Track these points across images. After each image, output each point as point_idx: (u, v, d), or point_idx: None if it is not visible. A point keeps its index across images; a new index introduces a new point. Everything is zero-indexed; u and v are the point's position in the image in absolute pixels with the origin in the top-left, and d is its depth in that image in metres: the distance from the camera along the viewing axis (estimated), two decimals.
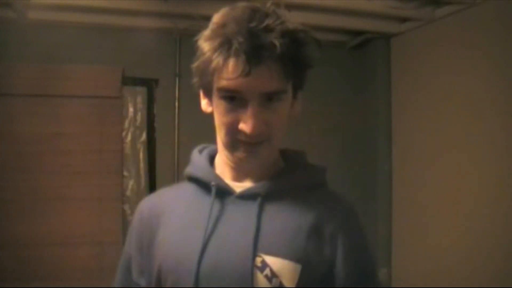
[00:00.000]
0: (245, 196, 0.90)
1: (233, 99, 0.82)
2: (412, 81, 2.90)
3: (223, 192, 0.91)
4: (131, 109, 2.79)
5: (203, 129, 1.10)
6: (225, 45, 0.80)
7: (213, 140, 1.30)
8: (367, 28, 2.92)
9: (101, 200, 2.60)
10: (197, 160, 0.98)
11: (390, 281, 3.01)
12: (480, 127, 2.39)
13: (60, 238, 2.54)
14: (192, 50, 0.92)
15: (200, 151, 1.01)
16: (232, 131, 0.84)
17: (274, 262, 0.82)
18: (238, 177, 0.92)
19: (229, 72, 0.80)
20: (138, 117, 2.80)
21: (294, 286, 0.82)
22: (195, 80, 0.89)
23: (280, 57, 0.80)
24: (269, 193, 0.89)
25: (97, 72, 2.65)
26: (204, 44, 0.83)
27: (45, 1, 2.38)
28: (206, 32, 0.85)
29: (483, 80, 2.37)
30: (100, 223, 2.59)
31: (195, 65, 0.86)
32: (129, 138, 2.78)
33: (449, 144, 2.58)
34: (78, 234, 2.55)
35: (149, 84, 2.79)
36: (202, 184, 0.93)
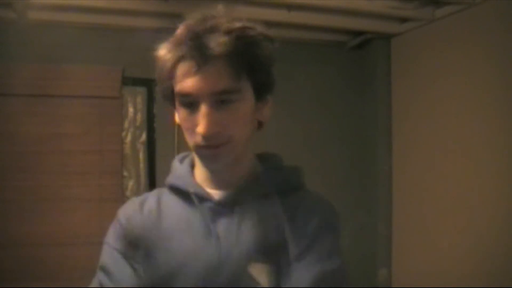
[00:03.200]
0: (223, 203, 0.92)
1: (191, 105, 0.85)
2: (412, 81, 2.90)
3: (202, 200, 0.93)
4: (131, 109, 2.79)
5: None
6: (174, 48, 0.84)
7: None
8: (367, 28, 2.92)
9: (101, 200, 2.60)
10: (177, 169, 1.00)
11: (390, 281, 3.02)
12: (480, 127, 2.39)
13: (60, 238, 2.54)
14: None
15: (181, 160, 1.03)
16: (192, 136, 0.87)
17: (253, 266, 0.88)
18: (217, 185, 0.94)
19: (179, 75, 0.84)
20: (138, 117, 2.80)
21: (272, 287, 0.87)
22: (160, 95, 0.92)
23: (226, 55, 0.81)
24: (246, 200, 0.92)
25: (97, 72, 2.65)
26: (161, 52, 0.88)
27: (45, 1, 2.38)
28: (164, 43, 0.89)
29: (483, 80, 2.37)
30: (100, 223, 2.59)
31: (156, 75, 0.89)
32: (129, 138, 2.78)
33: (449, 144, 2.58)
34: (78, 234, 2.55)
35: (149, 84, 2.79)
36: (183, 193, 0.95)
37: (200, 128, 0.83)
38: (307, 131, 3.07)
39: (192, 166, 1.00)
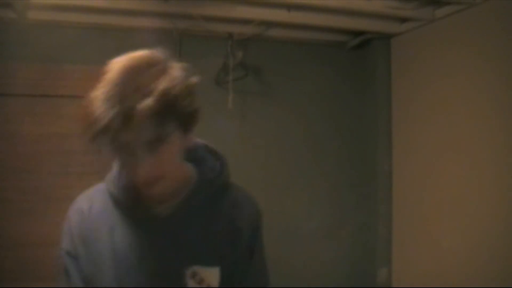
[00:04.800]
0: (168, 217, 1.00)
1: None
2: (412, 81, 2.90)
3: (149, 214, 1.00)
4: None
5: (202, 129, 1.11)
6: (100, 121, 0.89)
7: (212, 138, 1.31)
8: (367, 28, 2.92)
9: None
10: (119, 178, 1.05)
11: (390, 281, 3.02)
12: (480, 127, 2.39)
13: (60, 239, 2.54)
14: (192, 50, 0.94)
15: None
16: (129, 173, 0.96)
17: (200, 270, 0.99)
18: (157, 197, 1.00)
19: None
20: None
21: (218, 286, 1.00)
22: None
23: (152, 116, 0.84)
24: (187, 211, 1.01)
25: (97, 72, 2.65)
26: (93, 104, 0.94)
27: (45, 1, 2.38)
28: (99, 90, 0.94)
29: (483, 80, 2.37)
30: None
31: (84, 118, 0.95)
32: None
33: (449, 144, 2.58)
34: None
35: None
36: (123, 203, 1.03)
37: (137, 179, 0.92)
38: (307, 131, 3.07)
39: None
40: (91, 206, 1.07)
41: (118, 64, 0.96)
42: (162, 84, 0.86)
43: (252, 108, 2.91)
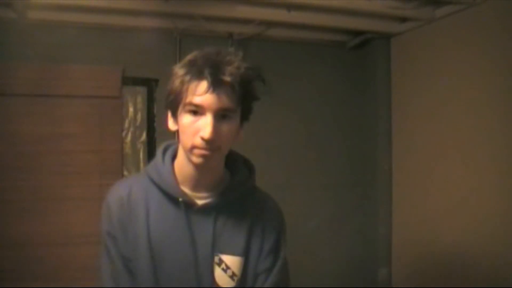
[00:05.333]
0: (204, 209, 1.14)
1: (196, 113, 1.07)
2: (412, 81, 2.90)
3: (187, 205, 1.13)
4: (131, 109, 2.79)
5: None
6: (197, 72, 1.06)
7: None
8: (367, 28, 2.92)
9: (101, 200, 2.59)
10: (160, 164, 1.19)
11: (390, 281, 3.02)
12: (480, 127, 2.39)
13: (60, 238, 2.54)
14: (192, 50, 0.99)
15: (164, 152, 1.22)
16: (191, 139, 1.07)
17: (226, 258, 1.14)
18: (196, 187, 1.16)
19: (198, 91, 1.05)
20: (138, 117, 2.80)
21: (240, 274, 1.14)
22: (166, 101, 1.14)
23: (233, 84, 1.06)
24: (220, 205, 1.15)
25: (97, 72, 2.65)
26: (180, 70, 1.09)
27: (45, 1, 2.38)
28: (181, 63, 1.11)
29: (483, 79, 2.38)
30: (100, 223, 2.59)
31: (170, 86, 1.11)
32: (129, 138, 2.78)
33: (449, 144, 2.59)
34: (78, 234, 2.55)
35: (149, 84, 2.79)
36: (168, 194, 1.14)
37: (205, 133, 1.04)
38: (307, 130, 3.07)
39: (173, 158, 1.19)
40: (129, 192, 1.16)
41: (206, 49, 1.11)
42: (245, 65, 1.09)
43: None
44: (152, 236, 1.12)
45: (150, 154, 2.81)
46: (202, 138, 1.05)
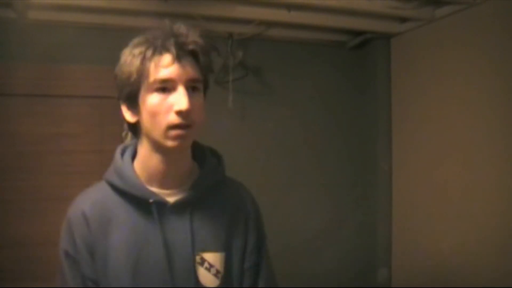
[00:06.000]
0: (177, 206, 1.07)
1: (164, 90, 1.00)
2: (412, 81, 2.90)
3: (157, 203, 1.05)
4: None
5: (203, 129, 1.11)
6: (158, 46, 1.01)
7: (213, 138, 1.31)
8: (367, 28, 2.92)
9: None
10: (122, 169, 1.11)
11: (390, 281, 3.02)
12: (480, 127, 2.39)
13: (60, 238, 2.53)
14: None
15: (122, 153, 1.17)
16: (165, 118, 1.00)
17: (208, 256, 1.07)
18: (165, 183, 1.08)
19: (163, 64, 0.99)
20: None
21: (223, 271, 1.07)
22: (120, 92, 1.11)
23: (196, 53, 1.03)
24: (194, 200, 1.08)
25: (97, 72, 2.65)
26: (136, 50, 1.04)
27: (45, 1, 2.38)
28: (133, 45, 1.08)
29: (483, 80, 2.37)
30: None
31: (126, 70, 1.07)
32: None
33: (449, 144, 2.59)
34: None
35: None
36: (135, 197, 1.06)
37: (181, 105, 0.98)
38: (307, 131, 3.07)
39: (133, 158, 1.13)
40: (91, 206, 1.08)
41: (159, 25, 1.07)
42: (203, 33, 1.06)
43: (252, 108, 2.91)
44: (124, 251, 1.02)
45: None
46: (179, 112, 0.99)
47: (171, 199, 1.07)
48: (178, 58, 0.99)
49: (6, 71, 2.50)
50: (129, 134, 1.16)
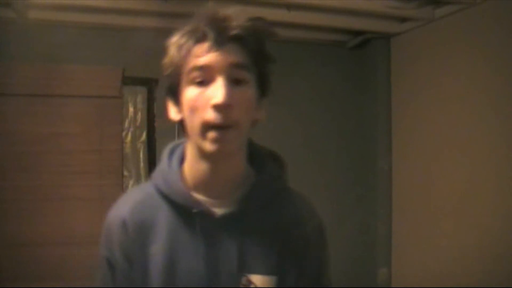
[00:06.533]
0: (225, 219, 0.92)
1: (202, 83, 0.86)
2: (412, 81, 2.90)
3: (202, 214, 0.91)
4: (131, 109, 2.79)
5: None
6: (193, 31, 0.88)
7: None
8: (367, 28, 2.92)
9: (101, 200, 2.60)
10: (168, 172, 0.96)
11: (390, 281, 3.01)
12: (479, 127, 2.39)
13: (60, 238, 2.54)
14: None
15: (170, 155, 1.00)
16: (202, 115, 0.86)
17: (256, 279, 0.91)
18: (213, 191, 0.93)
19: (196, 55, 0.86)
20: (138, 117, 2.80)
21: None
22: (166, 86, 0.94)
23: (241, 39, 0.87)
24: (246, 213, 0.92)
25: (97, 72, 2.65)
26: (174, 38, 0.91)
27: (45, 1, 2.38)
28: (176, 32, 0.93)
29: (483, 79, 2.37)
30: (100, 223, 2.57)
31: (165, 62, 0.91)
32: (129, 138, 2.78)
33: (449, 144, 2.58)
34: (78, 234, 2.55)
35: (149, 84, 2.79)
36: (179, 206, 0.93)
37: (217, 98, 0.84)
38: (307, 131, 3.07)
39: (182, 160, 0.98)
40: (133, 211, 0.95)
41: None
42: (251, 17, 0.91)
43: None
44: (163, 263, 0.91)
45: (150, 154, 2.81)
46: (215, 107, 0.84)
47: (219, 210, 0.92)
48: (217, 44, 0.85)
49: (6, 71, 2.50)
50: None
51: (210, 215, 0.91)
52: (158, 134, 2.81)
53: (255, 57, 0.90)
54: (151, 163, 2.80)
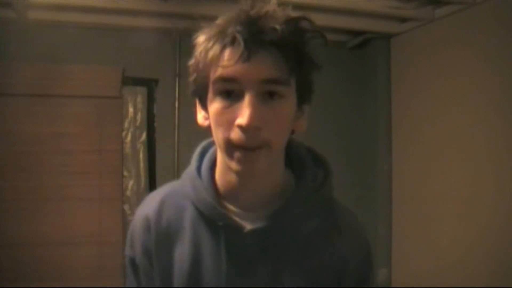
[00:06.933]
0: (255, 234, 0.80)
1: (230, 95, 0.74)
2: (412, 81, 2.90)
3: (230, 228, 0.81)
4: (131, 109, 2.79)
5: (203, 129, 1.10)
6: (222, 33, 0.74)
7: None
8: (367, 28, 2.92)
9: (101, 200, 2.61)
10: (196, 177, 0.86)
11: (390, 281, 3.01)
12: (479, 127, 2.39)
13: (60, 238, 2.54)
14: (192, 50, 0.90)
15: (201, 156, 0.89)
16: (226, 133, 0.75)
17: None
18: (245, 202, 0.82)
19: (226, 59, 0.73)
20: (138, 117, 2.80)
21: None
22: (192, 87, 0.81)
23: (280, 44, 0.73)
24: (279, 228, 0.81)
25: (97, 72, 2.65)
26: (200, 37, 0.77)
27: (45, 1, 2.38)
28: (205, 29, 0.79)
29: (483, 79, 2.37)
30: (100, 223, 2.59)
31: (192, 62, 0.79)
32: (129, 138, 2.78)
33: (449, 144, 2.58)
34: (78, 234, 2.55)
35: (149, 84, 2.79)
36: (205, 215, 0.83)
37: (242, 119, 0.71)
38: (307, 130, 3.07)
39: (214, 161, 0.87)
40: (159, 211, 0.85)
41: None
42: (293, 14, 0.79)
43: None
44: (190, 272, 0.81)
45: (150, 154, 2.82)
46: (240, 127, 0.72)
47: (249, 224, 0.80)
48: (248, 52, 0.71)
49: (6, 71, 2.51)
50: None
51: (238, 229, 0.80)
52: (158, 134, 2.81)
53: (296, 66, 0.76)
54: (151, 163, 2.81)
